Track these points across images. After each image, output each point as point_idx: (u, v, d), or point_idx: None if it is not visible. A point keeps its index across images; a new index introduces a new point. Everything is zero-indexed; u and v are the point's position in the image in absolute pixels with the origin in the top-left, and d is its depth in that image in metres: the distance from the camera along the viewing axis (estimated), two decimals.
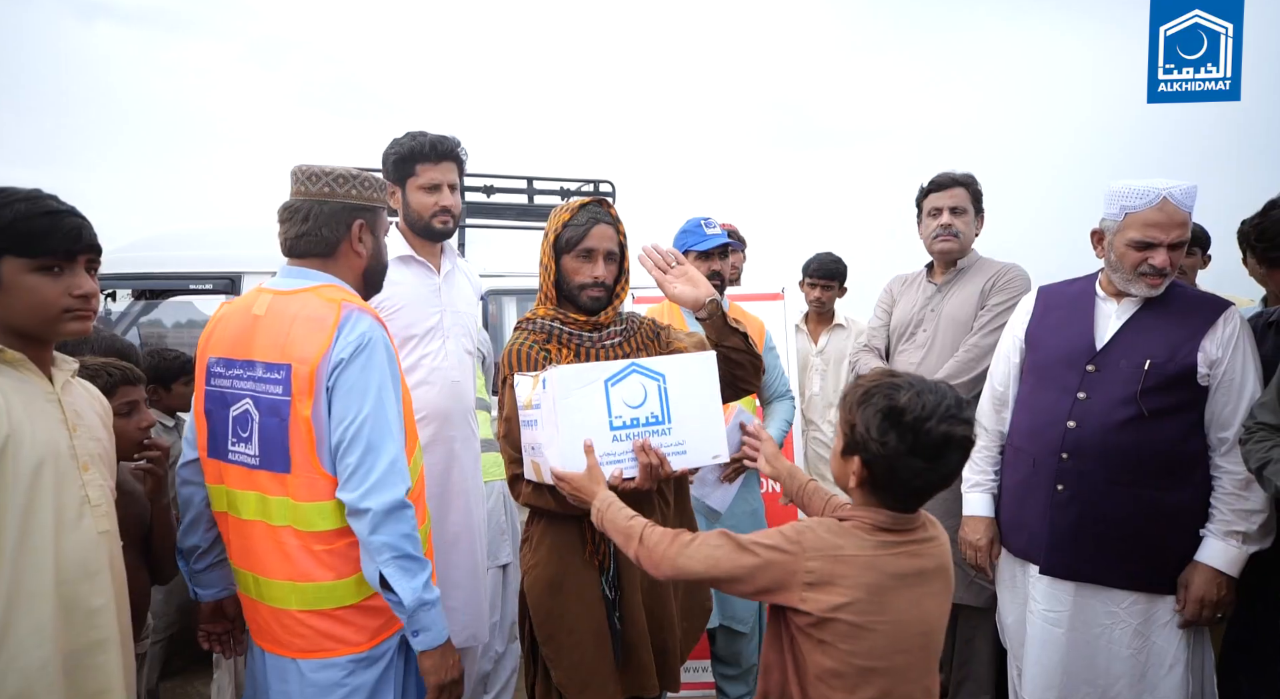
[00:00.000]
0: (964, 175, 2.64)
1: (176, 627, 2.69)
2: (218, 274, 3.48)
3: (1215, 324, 1.88)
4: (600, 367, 1.56)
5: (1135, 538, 1.91)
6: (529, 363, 1.74)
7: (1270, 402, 1.76)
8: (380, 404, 1.51)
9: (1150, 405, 1.88)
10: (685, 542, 1.30)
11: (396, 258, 2.19)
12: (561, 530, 1.73)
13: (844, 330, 3.77)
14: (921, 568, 1.26)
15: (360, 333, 1.51)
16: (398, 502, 1.48)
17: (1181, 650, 1.91)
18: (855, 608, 1.20)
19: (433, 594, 1.50)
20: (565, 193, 4.55)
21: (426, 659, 1.51)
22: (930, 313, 2.64)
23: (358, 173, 1.66)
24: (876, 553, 1.23)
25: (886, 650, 1.22)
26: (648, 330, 1.89)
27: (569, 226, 1.76)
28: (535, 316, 1.82)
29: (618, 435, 1.55)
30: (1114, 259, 1.95)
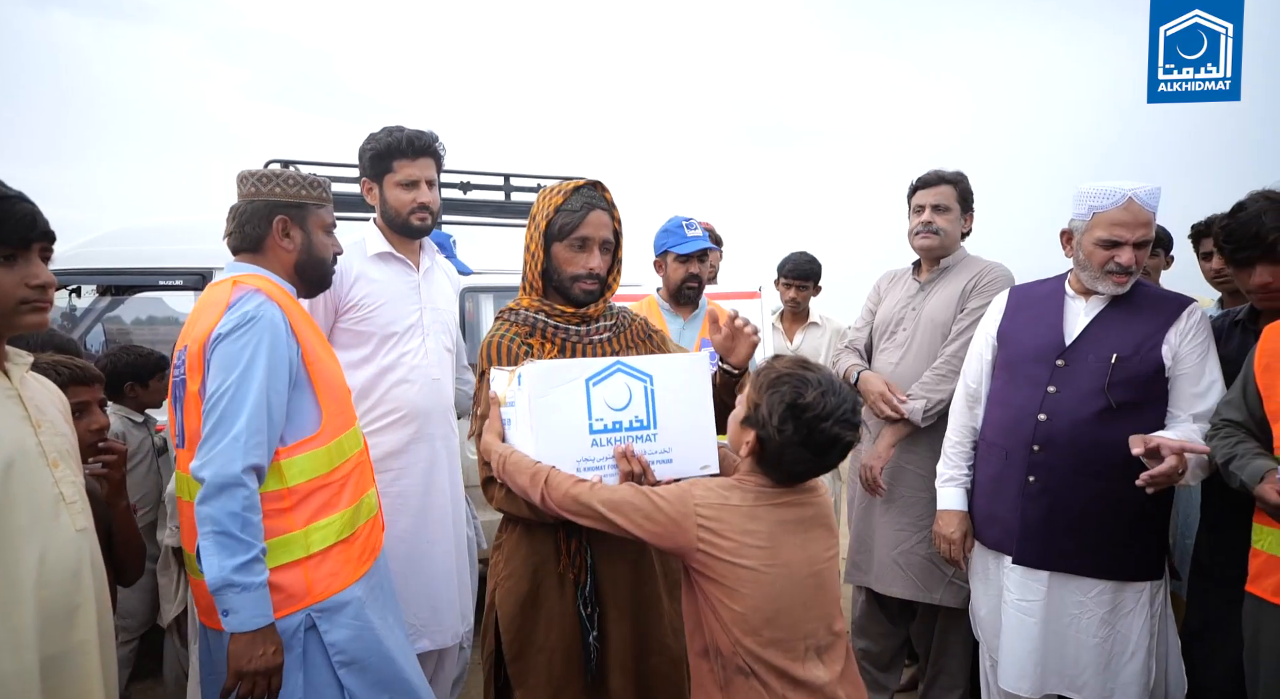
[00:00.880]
0: (953, 173, 2.64)
1: (149, 626, 2.65)
2: (188, 270, 3.42)
3: (1178, 319, 1.96)
4: (582, 363, 1.44)
5: (1104, 527, 1.97)
6: (508, 356, 1.62)
7: (1235, 399, 1.83)
8: (245, 379, 1.53)
9: (1118, 398, 1.95)
10: (590, 484, 1.36)
11: (375, 255, 2.19)
12: (537, 540, 1.62)
13: (819, 328, 3.82)
14: (803, 516, 1.37)
15: (243, 311, 1.56)
16: (232, 477, 1.48)
17: (1143, 638, 1.98)
18: (747, 553, 1.31)
19: (249, 578, 1.48)
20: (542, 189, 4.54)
21: (232, 642, 1.50)
22: (911, 311, 2.65)
23: (283, 171, 1.74)
24: (758, 503, 1.35)
25: (783, 591, 1.32)
26: (639, 329, 1.78)
27: (562, 212, 1.63)
28: (518, 307, 1.70)
29: (597, 439, 1.43)
30: (1082, 258, 2.02)
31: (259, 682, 1.51)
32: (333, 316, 2.14)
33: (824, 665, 1.34)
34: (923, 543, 2.48)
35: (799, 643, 1.33)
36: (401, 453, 2.20)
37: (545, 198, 1.66)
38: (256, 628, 1.50)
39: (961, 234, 2.65)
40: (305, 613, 1.58)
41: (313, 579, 1.59)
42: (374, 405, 2.17)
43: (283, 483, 1.59)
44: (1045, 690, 2.04)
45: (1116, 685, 1.97)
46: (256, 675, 1.50)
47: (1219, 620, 1.94)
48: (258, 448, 1.52)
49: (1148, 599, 1.98)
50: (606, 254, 1.66)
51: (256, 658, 1.50)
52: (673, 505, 1.33)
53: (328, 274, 1.80)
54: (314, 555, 1.61)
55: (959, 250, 2.67)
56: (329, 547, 1.63)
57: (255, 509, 1.51)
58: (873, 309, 2.83)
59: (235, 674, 1.50)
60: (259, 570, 1.50)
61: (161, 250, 3.57)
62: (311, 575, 1.59)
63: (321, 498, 1.63)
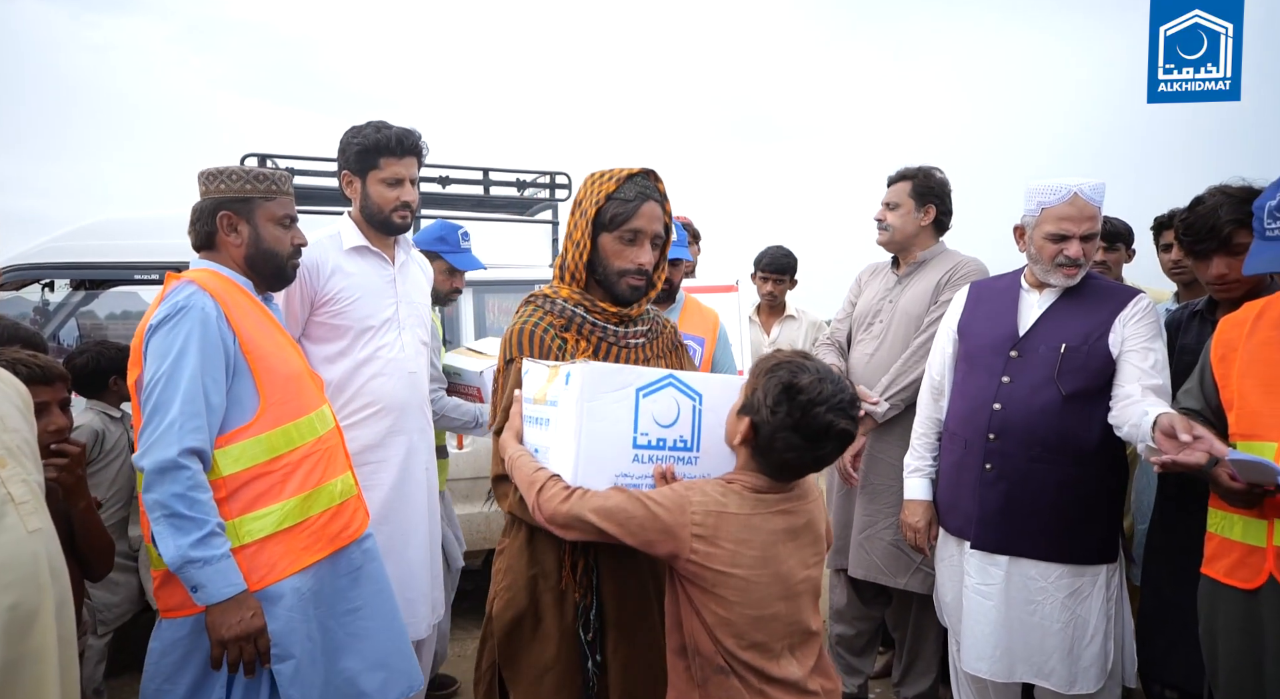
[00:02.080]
0: (911, 169, 2.69)
1: (126, 620, 2.65)
2: (163, 264, 3.40)
3: (1125, 308, 2.03)
4: (634, 371, 1.33)
5: (1059, 512, 2.03)
6: (539, 348, 1.52)
7: (1193, 388, 1.89)
8: (177, 366, 1.57)
9: (1067, 387, 2.02)
10: (583, 493, 1.29)
11: (351, 248, 2.20)
12: (539, 550, 1.52)
13: (795, 321, 3.87)
14: (795, 524, 1.35)
15: (174, 301, 1.62)
16: (169, 461, 1.52)
17: (1101, 621, 2.04)
18: (740, 562, 1.29)
19: (207, 552, 1.51)
20: (521, 184, 4.55)
21: (208, 615, 1.54)
22: (888, 304, 2.70)
23: (228, 168, 1.78)
24: (755, 511, 1.31)
25: (771, 599, 1.31)
26: (670, 338, 1.70)
27: (614, 201, 1.51)
28: (555, 295, 1.57)
29: (639, 455, 1.33)
30: (1034, 252, 2.09)
31: (245, 647, 1.55)
32: (308, 310, 2.15)
33: (797, 661, 1.35)
34: (889, 529, 2.55)
35: (777, 643, 1.33)
36: (378, 446, 2.22)
37: (594, 183, 1.54)
38: (228, 597, 1.53)
39: (922, 227, 2.69)
40: (255, 598, 1.59)
41: (249, 569, 1.61)
42: (350, 399, 2.18)
43: (216, 473, 1.61)
44: (1013, 677, 2.10)
45: (1079, 670, 2.04)
46: (240, 641, 1.54)
47: (1174, 603, 2.01)
48: (196, 432, 1.55)
49: (1104, 582, 2.05)
50: (655, 249, 1.56)
51: (234, 624, 1.53)
52: (668, 513, 1.28)
53: (282, 267, 1.81)
54: (249, 545, 1.62)
55: (937, 245, 2.72)
56: (266, 536, 1.64)
57: (201, 487, 1.55)
58: (853, 301, 2.89)
59: (218, 644, 1.54)
60: (218, 543, 1.54)
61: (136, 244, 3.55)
62: (248, 565, 1.61)
63: (260, 487, 1.65)
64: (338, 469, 1.81)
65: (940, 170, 2.71)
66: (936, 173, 2.69)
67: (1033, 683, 2.10)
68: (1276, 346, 1.70)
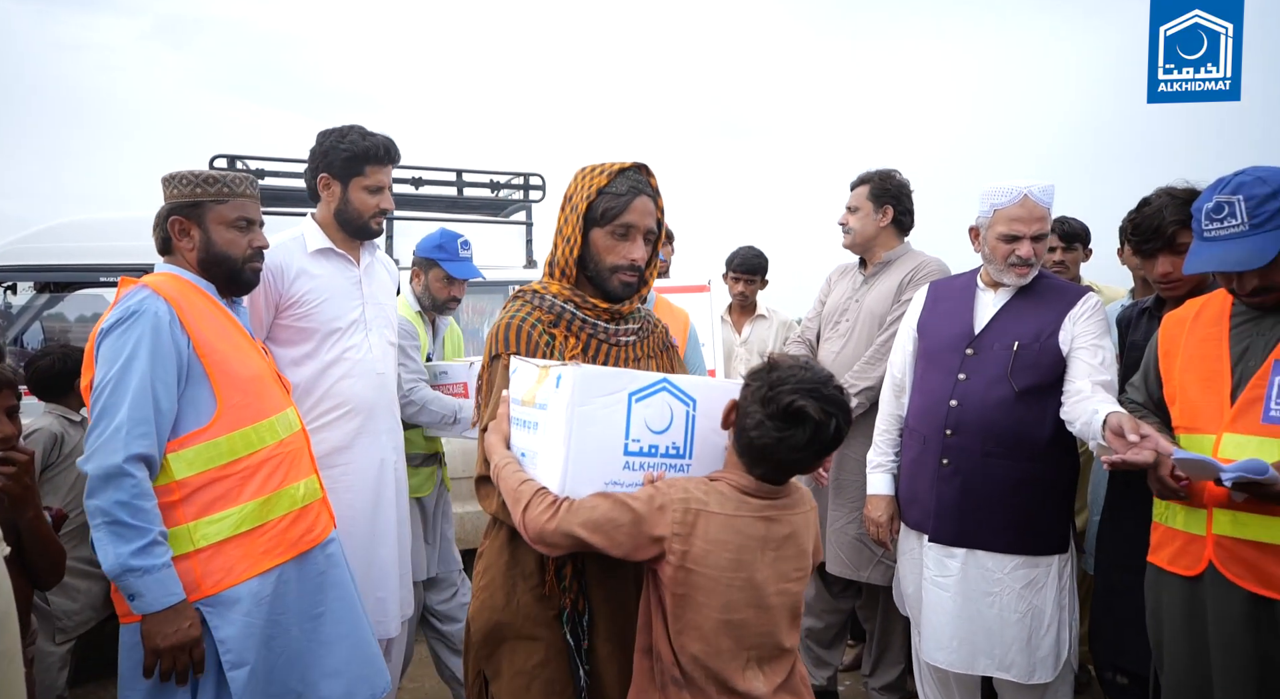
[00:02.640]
0: (869, 173, 2.78)
1: (90, 626, 2.62)
2: (131, 266, 3.37)
3: (1074, 306, 2.10)
4: (627, 375, 1.28)
5: (1013, 505, 2.09)
6: (528, 345, 1.47)
7: (1139, 382, 1.96)
8: (126, 371, 1.57)
9: (1020, 383, 2.08)
10: (569, 506, 1.24)
11: (315, 251, 2.21)
12: (520, 551, 1.44)
13: (766, 321, 3.92)
14: (779, 534, 1.30)
15: (127, 305, 1.62)
16: (114, 468, 1.51)
17: (1056, 611, 2.10)
18: (712, 562, 1.25)
19: (147, 561, 1.51)
20: (495, 185, 4.56)
21: (144, 623, 1.54)
22: (854, 304, 2.78)
23: (179, 173, 1.78)
24: (737, 513, 1.27)
25: (741, 604, 1.27)
26: (660, 338, 1.65)
27: (605, 195, 1.48)
28: (544, 291, 1.52)
29: (630, 462, 1.28)
30: (988, 252, 2.16)
31: (179, 657, 1.54)
32: (273, 313, 2.15)
33: (764, 676, 1.30)
34: (853, 524, 2.60)
35: (743, 653, 1.29)
36: (347, 448, 2.23)
37: (585, 178, 1.51)
38: (166, 607, 1.53)
39: (881, 228, 2.76)
40: (193, 608, 1.59)
41: (203, 573, 1.61)
42: (318, 401, 2.19)
43: (169, 476, 1.61)
44: (975, 670, 2.15)
45: (1037, 660, 2.10)
46: (175, 651, 1.53)
47: (1124, 590, 2.08)
48: (143, 437, 1.55)
49: (1057, 572, 2.11)
50: (648, 245, 1.52)
51: (170, 634, 1.53)
52: (651, 513, 1.24)
53: (237, 270, 1.80)
54: (204, 549, 1.62)
55: (901, 245, 2.79)
56: (223, 540, 1.64)
57: (145, 495, 1.54)
58: (823, 300, 2.96)
59: (152, 652, 1.53)
60: (159, 553, 1.53)
61: (104, 246, 3.52)
62: (202, 569, 1.61)
63: (217, 490, 1.64)
64: (301, 472, 1.81)
65: (899, 173, 2.78)
66: (895, 175, 2.76)
67: (994, 675, 2.15)
68: (1215, 342, 1.77)
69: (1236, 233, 1.63)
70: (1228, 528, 1.65)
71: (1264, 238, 1.60)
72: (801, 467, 1.30)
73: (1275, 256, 1.59)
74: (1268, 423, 1.62)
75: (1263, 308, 1.70)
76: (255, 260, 1.84)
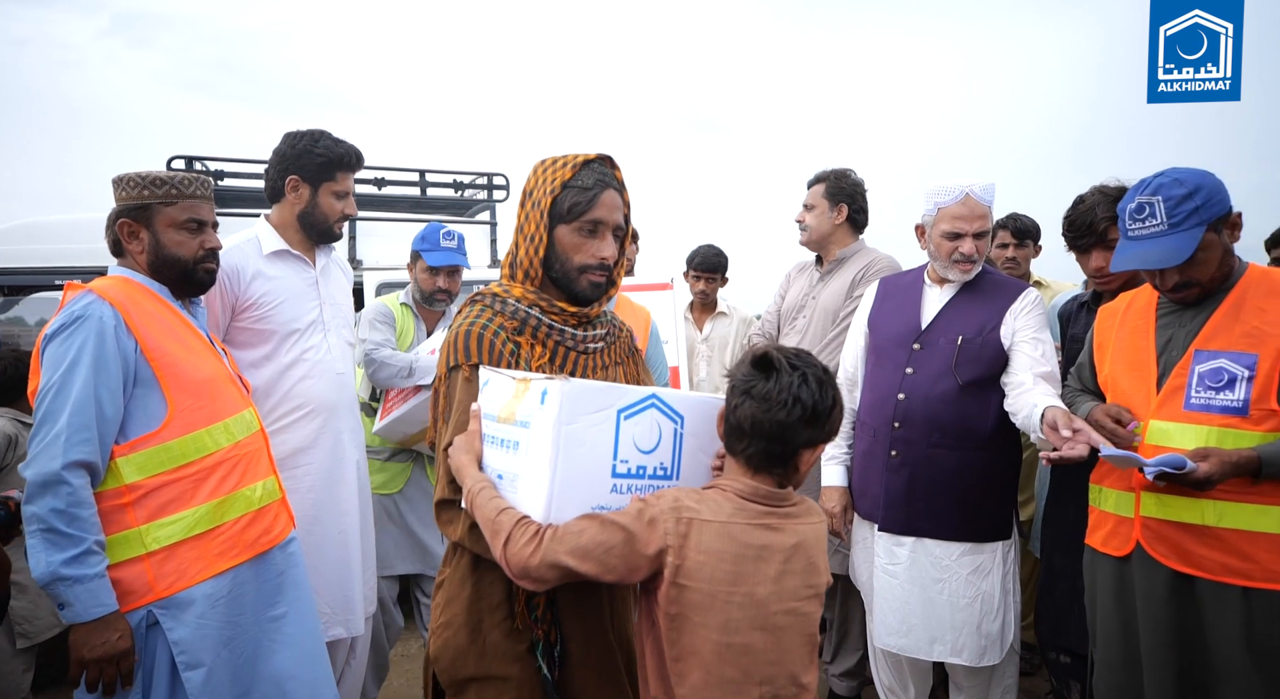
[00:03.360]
0: (825, 172, 2.85)
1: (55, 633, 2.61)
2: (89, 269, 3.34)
3: (1015, 301, 2.18)
4: (616, 390, 1.18)
5: (958, 494, 2.16)
6: (491, 354, 1.34)
7: (1077, 373, 2.06)
8: (68, 377, 1.57)
9: (964, 377, 2.15)
10: (554, 533, 1.13)
11: (271, 253, 2.22)
12: (486, 582, 1.33)
13: (727, 318, 3.99)
14: (783, 544, 1.19)
15: (70, 311, 1.62)
16: (52, 475, 1.51)
17: (1003, 595, 2.19)
18: (707, 574, 1.14)
19: (81, 570, 1.50)
20: (459, 185, 4.57)
21: (72, 633, 1.53)
22: (810, 300, 2.85)
23: (126, 175, 1.78)
24: (732, 519, 1.16)
25: (743, 625, 1.15)
26: (626, 343, 1.55)
27: (571, 189, 1.37)
28: (506, 295, 1.40)
29: (618, 485, 1.19)
30: (933, 249, 2.24)
31: (106, 668, 1.53)
32: (229, 315, 2.15)
33: None
34: None
35: (753, 689, 1.15)
36: (309, 448, 2.24)
37: (547, 171, 1.40)
38: (95, 617, 1.52)
39: (836, 226, 2.83)
40: (146, 610, 1.60)
41: (156, 575, 1.61)
42: (279, 402, 2.20)
43: (119, 480, 1.60)
44: (930, 655, 2.22)
45: (987, 643, 2.18)
46: (102, 663, 1.52)
47: (1065, 572, 2.17)
48: (84, 444, 1.54)
49: (1002, 558, 2.19)
50: (617, 242, 1.43)
51: (97, 646, 1.52)
52: (643, 530, 1.14)
53: (188, 271, 1.80)
54: (156, 552, 1.62)
55: (855, 243, 2.86)
56: (176, 543, 1.64)
57: (83, 504, 1.53)
58: (781, 297, 3.04)
59: (78, 663, 1.52)
60: (93, 562, 1.52)
61: (60, 248, 3.48)
62: (155, 572, 1.61)
63: (169, 493, 1.64)
64: (258, 474, 1.81)
65: (854, 172, 2.85)
66: (850, 174, 2.84)
67: (948, 660, 2.22)
68: (1142, 334, 1.86)
69: (1157, 232, 1.72)
70: (1154, 510, 1.74)
71: (1181, 237, 1.68)
72: (794, 439, 1.18)
73: (1192, 254, 1.68)
74: (1189, 410, 1.72)
75: (1184, 302, 1.79)
76: (208, 261, 1.83)
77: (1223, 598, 1.65)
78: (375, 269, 3.85)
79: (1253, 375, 1.65)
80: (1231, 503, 1.65)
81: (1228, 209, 1.72)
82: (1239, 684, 1.63)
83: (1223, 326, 1.72)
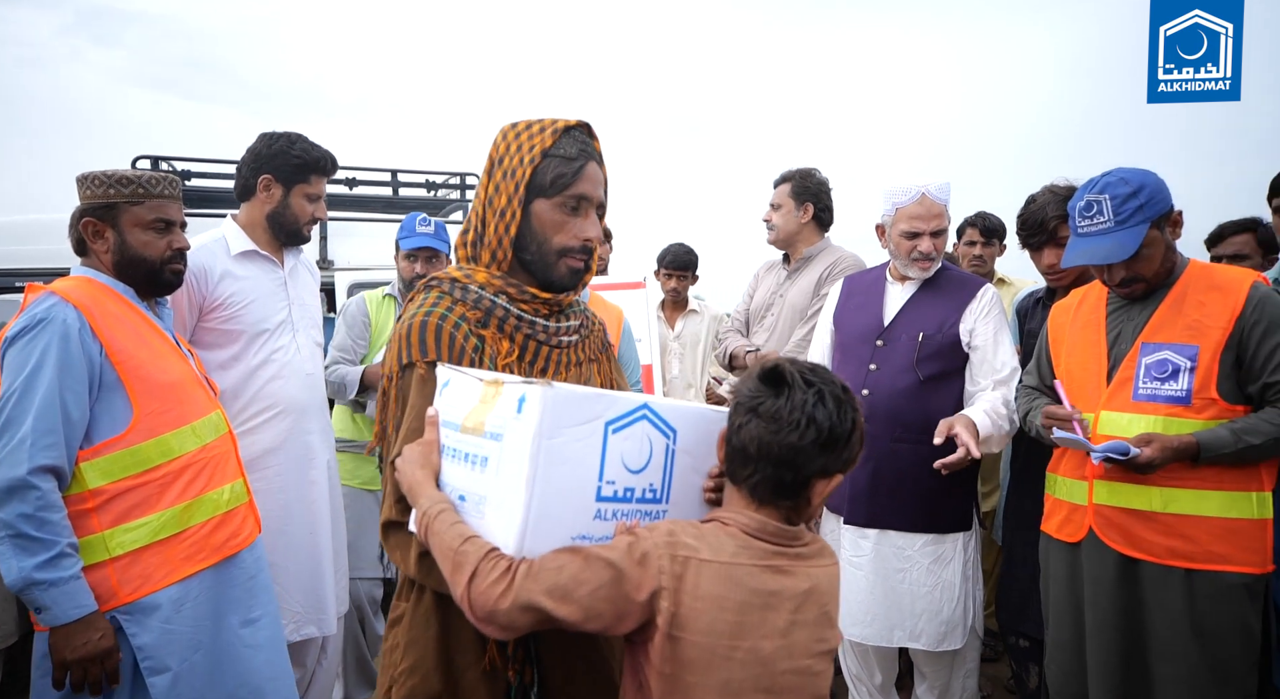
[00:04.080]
0: (790, 172, 2.90)
1: (15, 639, 2.57)
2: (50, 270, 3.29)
3: (973, 299, 2.24)
4: (604, 398, 1.01)
5: (920, 487, 2.21)
6: (451, 350, 1.16)
7: (1032, 368, 2.12)
8: (32, 381, 1.55)
9: (925, 372, 2.21)
10: (527, 570, 0.95)
11: (239, 253, 2.21)
12: (454, 616, 1.12)
13: (698, 315, 4.04)
14: (793, 590, 1.02)
15: (33, 313, 1.60)
16: (17, 480, 1.50)
17: (963, 583, 2.25)
18: (704, 626, 0.97)
19: (56, 573, 1.49)
20: (431, 185, 4.57)
21: (51, 636, 1.53)
22: (778, 298, 2.90)
23: (91, 174, 1.75)
24: (735, 560, 1.00)
25: (746, 688, 0.99)
26: (600, 336, 1.38)
27: (553, 158, 1.20)
28: (468, 281, 1.22)
29: (603, 510, 1.01)
30: (893, 248, 2.30)
31: (90, 668, 1.52)
32: (196, 316, 2.15)
33: None
34: None
35: None
36: (279, 449, 2.24)
37: (521, 137, 1.22)
38: (75, 619, 1.51)
39: (802, 224, 2.88)
40: (110, 616, 1.58)
41: (120, 581, 1.59)
42: (247, 403, 2.19)
43: (83, 485, 1.59)
44: (891, 642, 2.28)
45: (946, 629, 2.24)
46: (85, 663, 1.52)
47: (1024, 560, 2.24)
48: (49, 449, 1.53)
49: (962, 547, 2.25)
50: (599, 222, 1.27)
51: (79, 646, 1.51)
52: (631, 565, 0.97)
53: (155, 272, 1.78)
54: (121, 557, 1.60)
55: (822, 241, 2.91)
56: (141, 547, 1.62)
57: (52, 507, 1.52)
58: (750, 296, 3.08)
59: (60, 665, 1.51)
60: (67, 565, 1.51)
61: (21, 250, 3.42)
62: (120, 577, 1.59)
63: (134, 498, 1.63)
64: (226, 476, 1.80)
65: (819, 171, 2.91)
66: (815, 173, 2.89)
67: (907, 646, 2.29)
68: (1093, 328, 1.92)
69: (1105, 229, 1.78)
70: (1105, 497, 1.81)
71: (1127, 233, 1.75)
72: (806, 465, 1.01)
73: (1138, 250, 1.74)
74: (1137, 400, 1.79)
75: (1130, 297, 1.86)
76: (175, 262, 1.81)
77: (1166, 580, 1.72)
78: (347, 269, 3.84)
79: (1194, 366, 1.72)
80: (1176, 489, 1.72)
81: (1169, 207, 1.79)
82: (1177, 664, 1.71)
83: (1167, 320, 1.79)
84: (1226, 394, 1.71)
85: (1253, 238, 2.79)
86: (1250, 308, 1.71)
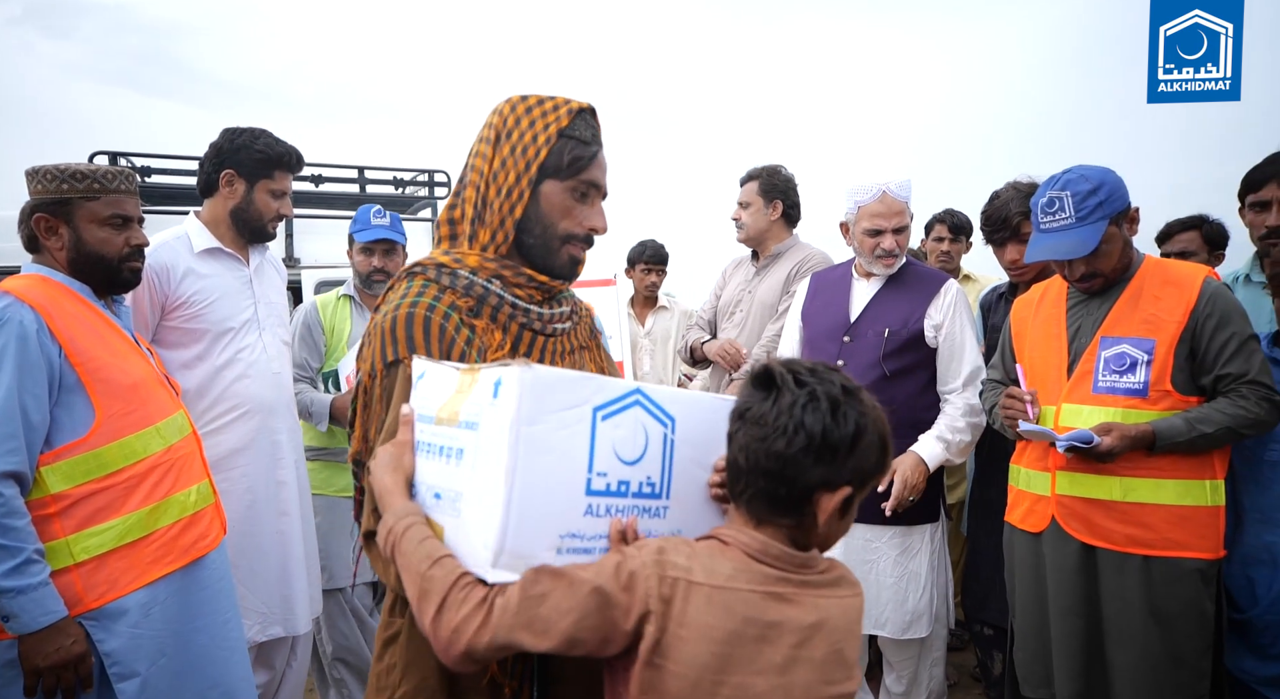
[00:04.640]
0: (757, 169, 2.92)
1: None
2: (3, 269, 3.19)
3: (937, 294, 2.28)
4: (590, 381, 0.92)
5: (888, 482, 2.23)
6: (441, 341, 1.07)
7: (996, 362, 2.17)
8: None
9: (891, 367, 2.25)
10: (504, 602, 0.86)
11: (203, 251, 2.17)
12: None
13: (668, 311, 4.07)
14: (794, 621, 0.89)
15: None
16: None
17: (930, 573, 2.29)
18: (688, 657, 0.86)
19: (21, 581, 1.46)
20: (399, 182, 4.51)
21: (21, 644, 1.49)
22: (747, 295, 2.91)
23: (43, 168, 1.70)
24: (731, 583, 0.88)
25: None
26: (589, 323, 1.32)
27: (569, 139, 1.14)
28: (456, 265, 1.13)
29: (594, 505, 0.92)
30: (857, 246, 2.33)
31: (63, 675, 1.50)
32: (159, 315, 2.10)
33: None
34: None
35: None
36: (246, 449, 2.20)
37: (533, 112, 1.14)
38: (44, 626, 1.48)
39: (772, 221, 2.90)
40: (76, 622, 1.55)
41: (86, 587, 1.57)
42: (213, 403, 2.15)
43: (44, 490, 1.55)
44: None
45: (911, 618, 2.28)
46: (58, 669, 1.49)
47: (989, 550, 2.29)
48: (11, 454, 1.50)
49: (929, 539, 2.30)
50: None
51: (51, 653, 1.48)
52: (617, 589, 0.87)
53: (113, 269, 1.73)
54: (85, 563, 1.57)
55: (790, 238, 2.94)
56: (106, 552, 1.59)
57: (15, 514, 1.49)
58: (718, 293, 3.09)
59: (31, 673, 1.48)
60: (35, 571, 1.48)
61: None
62: (84, 582, 1.57)
63: (98, 502, 1.60)
64: (192, 478, 1.77)
65: (785, 168, 2.93)
66: (781, 170, 2.91)
67: (873, 634, 2.33)
68: (1055, 322, 1.97)
69: (1066, 225, 1.82)
70: (1068, 488, 1.85)
71: (1087, 229, 1.80)
72: (800, 477, 0.90)
73: (1097, 246, 1.79)
74: (1097, 393, 1.84)
75: (1090, 291, 1.91)
76: (134, 259, 1.76)
77: (1125, 568, 1.78)
78: (313, 267, 3.79)
79: (1151, 359, 1.77)
80: (1135, 478, 1.77)
81: (1127, 204, 1.84)
82: (1134, 649, 1.76)
83: (1124, 314, 1.84)
84: (1181, 386, 1.77)
85: (1199, 235, 2.89)
86: (1204, 302, 1.76)
